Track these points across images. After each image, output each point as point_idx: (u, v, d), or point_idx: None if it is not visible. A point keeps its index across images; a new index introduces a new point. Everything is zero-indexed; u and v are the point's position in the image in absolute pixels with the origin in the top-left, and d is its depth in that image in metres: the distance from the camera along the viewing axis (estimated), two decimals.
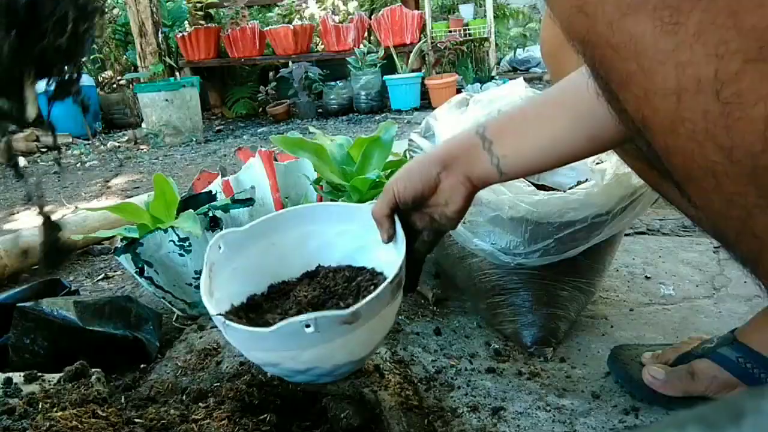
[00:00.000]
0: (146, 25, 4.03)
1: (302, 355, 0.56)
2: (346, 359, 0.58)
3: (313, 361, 0.57)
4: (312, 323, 0.52)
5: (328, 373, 0.60)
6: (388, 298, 0.57)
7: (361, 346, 0.59)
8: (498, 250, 0.82)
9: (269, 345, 0.57)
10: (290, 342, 0.55)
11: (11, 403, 0.64)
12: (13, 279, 1.33)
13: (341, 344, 0.56)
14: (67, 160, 3.55)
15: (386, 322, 0.61)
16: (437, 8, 4.79)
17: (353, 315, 0.54)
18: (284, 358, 0.57)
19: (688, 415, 0.13)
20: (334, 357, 0.57)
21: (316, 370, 0.58)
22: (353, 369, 0.63)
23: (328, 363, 0.58)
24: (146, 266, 0.93)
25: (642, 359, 0.73)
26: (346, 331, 0.55)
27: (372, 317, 0.56)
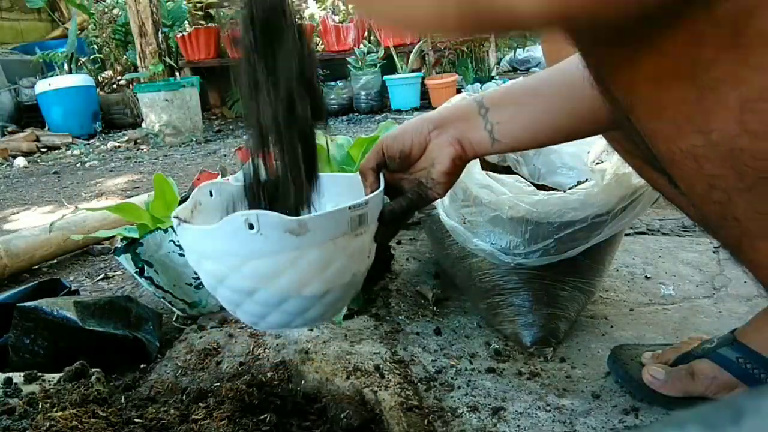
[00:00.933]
0: (146, 25, 4.03)
1: (246, 266, 0.54)
2: (293, 288, 0.56)
3: (258, 277, 0.55)
4: (254, 222, 0.51)
5: (276, 304, 0.57)
6: (345, 226, 0.55)
7: (311, 275, 0.56)
8: (498, 250, 0.82)
9: (216, 248, 0.55)
10: (234, 244, 0.53)
11: (11, 403, 0.64)
12: (13, 279, 1.33)
13: (287, 262, 0.54)
14: (67, 160, 3.55)
15: (343, 259, 0.57)
16: None
17: (299, 224, 0.52)
18: (228, 267, 0.55)
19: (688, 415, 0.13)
20: (280, 279, 0.55)
21: (262, 295, 0.56)
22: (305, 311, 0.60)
23: (273, 286, 0.55)
24: (146, 266, 0.93)
25: (642, 359, 0.73)
26: (293, 245, 0.53)
27: (324, 240, 0.54)
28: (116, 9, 4.74)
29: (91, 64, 4.91)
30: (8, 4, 6.24)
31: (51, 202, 2.34)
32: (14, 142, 3.90)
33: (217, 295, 0.61)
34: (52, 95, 4.31)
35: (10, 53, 5.47)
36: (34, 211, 2.21)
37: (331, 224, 0.54)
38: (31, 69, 4.99)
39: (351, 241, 0.57)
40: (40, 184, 2.81)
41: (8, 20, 6.25)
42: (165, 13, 4.52)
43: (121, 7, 4.57)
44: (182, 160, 3.19)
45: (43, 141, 4.01)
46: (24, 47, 5.63)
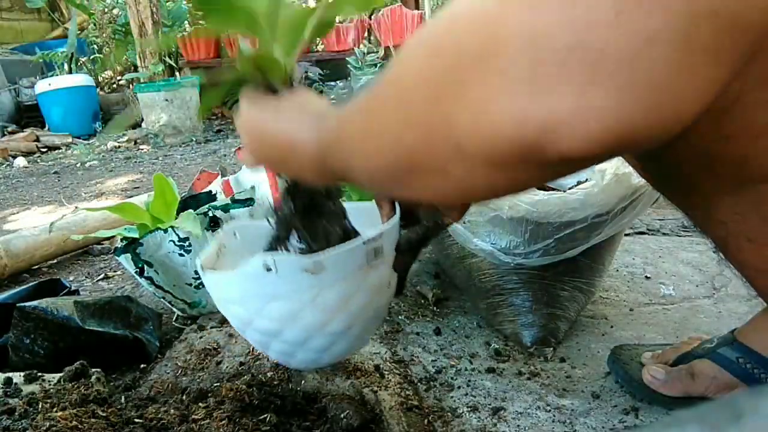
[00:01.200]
0: (146, 25, 4.03)
1: (268, 307, 0.55)
2: (316, 324, 0.57)
3: (281, 318, 0.56)
4: (271, 264, 0.52)
5: (301, 342, 0.58)
6: (360, 260, 0.55)
7: (332, 312, 0.56)
8: (498, 250, 0.82)
9: (238, 293, 0.56)
10: (254, 287, 0.54)
11: (11, 403, 0.64)
12: (13, 279, 1.33)
13: (307, 300, 0.55)
14: (67, 160, 3.55)
15: (363, 293, 0.58)
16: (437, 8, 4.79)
17: (315, 264, 0.53)
18: (252, 310, 0.57)
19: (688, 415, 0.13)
20: (302, 317, 0.56)
21: (287, 334, 0.57)
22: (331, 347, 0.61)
23: (296, 325, 0.56)
24: (146, 266, 0.93)
25: (642, 359, 0.73)
26: (311, 283, 0.53)
27: (341, 277, 0.54)
28: (116, 9, 4.74)
29: (91, 64, 4.91)
30: (8, 4, 6.24)
31: (51, 202, 2.34)
32: (14, 142, 3.90)
33: (246, 336, 0.63)
34: (52, 95, 4.31)
35: (10, 53, 5.47)
36: (34, 211, 2.21)
37: (347, 260, 0.55)
38: (31, 69, 4.99)
39: (368, 275, 0.57)
40: (40, 184, 2.81)
41: (8, 20, 6.25)
42: (165, 13, 4.52)
43: (121, 7, 4.57)
44: (182, 160, 3.19)
45: (43, 141, 4.01)
46: (24, 47, 5.62)
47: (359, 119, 0.40)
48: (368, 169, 0.40)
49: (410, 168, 0.36)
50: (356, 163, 0.41)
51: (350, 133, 0.41)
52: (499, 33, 0.28)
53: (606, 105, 0.26)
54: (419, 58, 0.33)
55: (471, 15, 0.30)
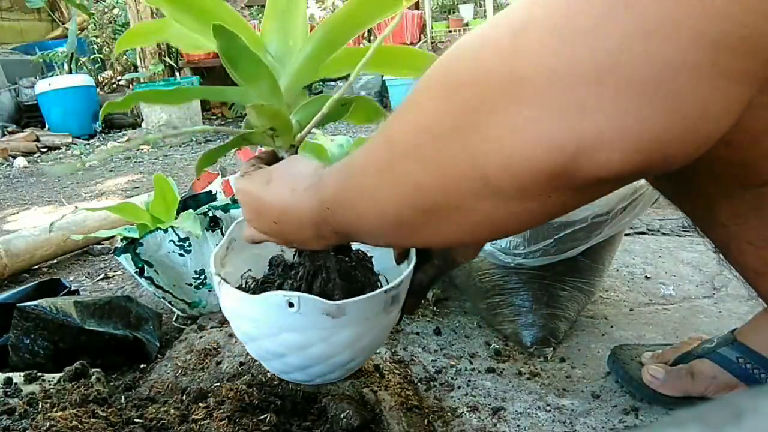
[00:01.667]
0: None
1: (281, 336, 0.56)
2: (322, 356, 0.58)
3: (290, 346, 0.57)
4: (296, 302, 0.52)
5: (301, 368, 0.60)
6: (379, 307, 0.56)
7: (341, 349, 0.58)
8: (498, 250, 0.82)
9: (254, 315, 0.57)
10: (272, 316, 0.55)
11: (11, 403, 0.64)
12: (13, 279, 1.33)
13: (320, 338, 0.56)
14: (67, 160, 3.55)
15: (373, 334, 0.60)
16: (437, 8, 4.79)
17: (338, 308, 0.54)
18: (264, 334, 0.58)
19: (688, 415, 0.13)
20: (311, 350, 0.57)
21: (291, 359, 0.59)
22: (328, 374, 0.63)
23: (302, 354, 0.58)
24: (146, 266, 0.93)
25: (642, 359, 0.73)
26: (328, 324, 0.54)
27: (359, 320, 0.56)
28: (116, 9, 4.74)
29: (91, 64, 4.91)
30: (8, 4, 6.24)
31: (51, 202, 2.34)
32: (14, 142, 3.90)
33: (246, 347, 0.64)
34: (52, 95, 4.31)
35: (10, 53, 5.47)
36: (34, 211, 2.21)
37: (368, 307, 0.56)
38: (31, 69, 4.99)
39: (383, 319, 0.59)
40: (40, 184, 2.81)
41: (8, 20, 6.25)
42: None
43: (121, 7, 4.57)
44: (182, 160, 3.19)
45: (43, 141, 4.01)
46: (24, 47, 5.63)
47: (370, 173, 0.39)
48: (381, 224, 0.40)
49: (432, 213, 0.35)
50: (367, 218, 0.41)
51: (358, 189, 0.40)
52: (521, 65, 0.28)
53: (639, 127, 0.26)
54: (434, 99, 0.33)
55: (486, 50, 0.30)
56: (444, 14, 4.87)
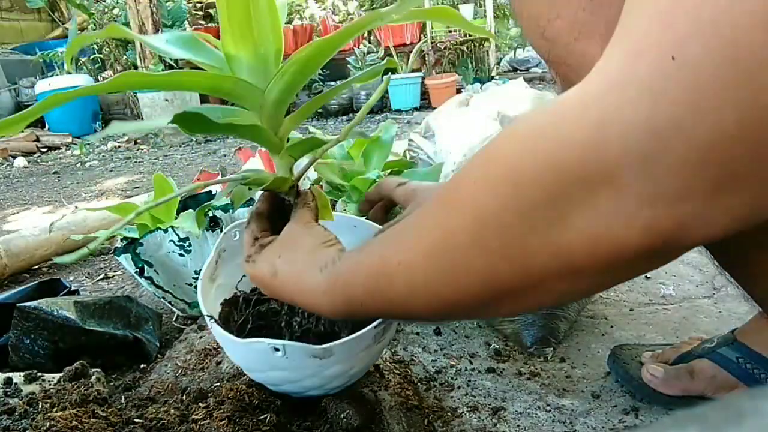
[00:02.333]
0: (146, 25, 4.03)
1: (272, 373, 0.57)
2: (314, 386, 0.59)
3: (283, 381, 0.58)
4: (281, 349, 0.52)
5: (297, 393, 0.61)
6: (368, 342, 0.55)
7: (331, 380, 0.58)
8: None
9: (242, 355, 0.58)
10: (260, 358, 0.55)
11: (11, 403, 0.64)
12: (13, 279, 1.33)
13: (311, 374, 0.56)
14: (67, 160, 3.55)
15: (366, 361, 0.60)
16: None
17: (325, 351, 0.53)
18: (254, 369, 0.59)
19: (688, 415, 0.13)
20: (303, 383, 0.58)
21: (285, 388, 0.60)
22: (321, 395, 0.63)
23: (295, 385, 0.58)
24: (146, 266, 0.93)
25: (642, 359, 0.73)
26: (317, 363, 0.54)
27: (348, 357, 0.55)
28: (116, 9, 4.74)
29: (91, 64, 4.91)
30: (8, 4, 6.24)
31: (51, 202, 2.34)
32: (14, 142, 3.90)
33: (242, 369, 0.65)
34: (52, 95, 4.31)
35: (10, 53, 5.47)
36: (34, 211, 2.21)
37: (356, 345, 0.55)
38: (31, 69, 4.99)
39: (373, 349, 0.58)
40: (40, 184, 2.81)
41: (8, 20, 6.25)
42: (165, 13, 4.52)
43: (121, 8, 4.57)
44: (182, 160, 3.19)
45: (43, 141, 4.01)
46: (24, 47, 5.63)
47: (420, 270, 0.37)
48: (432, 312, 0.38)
49: (500, 297, 0.35)
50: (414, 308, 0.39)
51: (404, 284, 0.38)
52: (610, 157, 0.28)
53: (738, 204, 0.27)
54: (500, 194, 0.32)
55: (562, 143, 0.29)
56: None
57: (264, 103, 0.48)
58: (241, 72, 0.47)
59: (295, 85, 0.48)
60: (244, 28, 0.45)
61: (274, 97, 0.48)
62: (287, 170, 0.55)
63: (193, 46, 0.48)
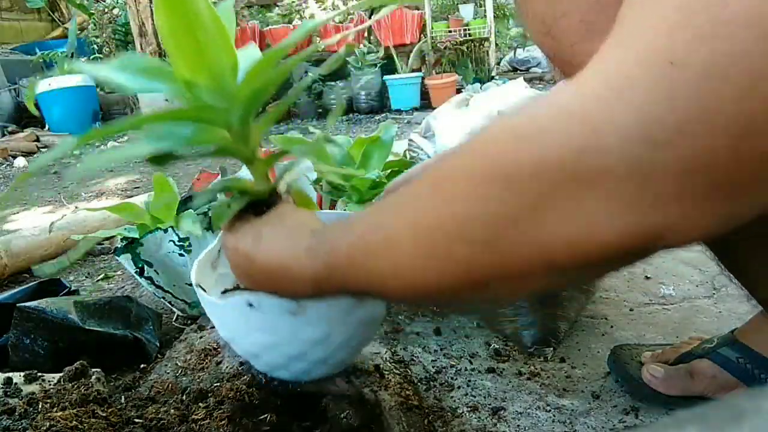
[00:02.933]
0: (146, 25, 4.03)
1: (250, 336, 0.57)
2: (294, 354, 0.58)
3: (261, 346, 0.58)
4: (255, 303, 0.53)
5: (281, 366, 0.61)
6: (344, 303, 0.55)
7: (311, 346, 0.58)
8: None
9: (224, 318, 0.59)
10: (238, 318, 0.56)
11: (11, 403, 0.64)
12: (13, 279, 1.33)
13: (287, 336, 0.56)
14: (67, 160, 3.55)
15: (347, 332, 0.59)
16: (437, 8, 4.78)
17: (297, 306, 0.53)
18: (237, 335, 0.59)
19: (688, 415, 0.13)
20: (282, 348, 0.57)
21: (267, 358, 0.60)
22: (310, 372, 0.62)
23: (276, 353, 0.58)
24: (146, 266, 0.93)
25: (642, 359, 0.73)
26: (292, 323, 0.54)
27: (323, 317, 0.55)
28: (116, 9, 4.74)
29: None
30: (8, 4, 6.24)
31: (51, 202, 2.34)
32: (14, 142, 3.90)
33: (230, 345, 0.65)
34: (52, 95, 4.31)
35: (10, 53, 5.47)
36: (34, 211, 2.21)
37: (329, 305, 0.55)
38: (31, 69, 4.99)
39: (353, 314, 0.58)
40: (40, 184, 2.81)
41: (8, 20, 6.25)
42: None
43: (121, 7, 4.57)
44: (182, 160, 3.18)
45: (43, 141, 4.01)
46: (24, 47, 5.63)
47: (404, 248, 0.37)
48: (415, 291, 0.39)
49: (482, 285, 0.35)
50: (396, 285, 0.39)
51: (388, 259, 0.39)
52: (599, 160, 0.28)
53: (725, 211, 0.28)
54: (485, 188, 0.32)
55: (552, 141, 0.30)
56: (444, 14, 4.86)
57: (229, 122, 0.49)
58: (201, 94, 0.47)
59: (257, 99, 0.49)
60: (194, 54, 0.45)
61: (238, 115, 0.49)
62: (264, 177, 0.55)
63: (150, 74, 0.48)
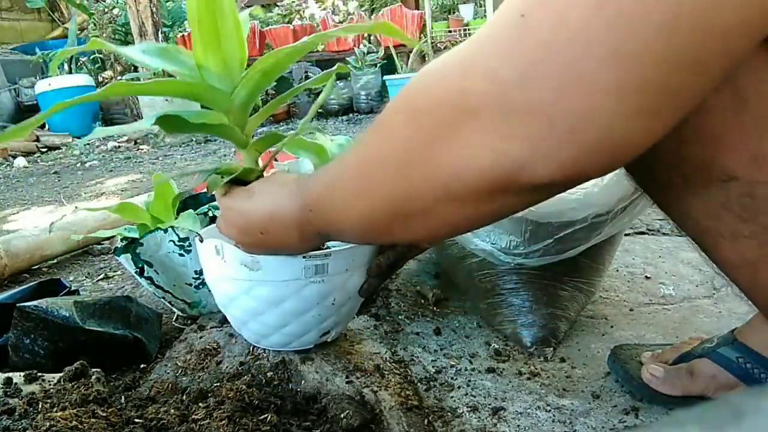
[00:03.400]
0: (146, 25, 4.03)
1: (217, 284, 0.66)
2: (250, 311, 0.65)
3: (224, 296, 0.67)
4: (220, 250, 0.62)
5: (243, 321, 0.69)
6: (296, 273, 0.62)
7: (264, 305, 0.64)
8: (498, 250, 0.82)
9: (202, 260, 0.68)
10: (208, 262, 0.66)
11: (11, 403, 0.64)
12: (13, 279, 1.33)
13: (243, 289, 0.63)
14: (67, 160, 3.55)
15: (296, 299, 0.64)
16: (437, 8, 4.79)
17: (253, 261, 0.60)
18: (211, 282, 0.69)
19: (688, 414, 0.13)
20: (240, 301, 0.65)
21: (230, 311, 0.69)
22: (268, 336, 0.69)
23: (236, 306, 0.66)
24: (146, 266, 0.93)
25: (642, 359, 0.73)
26: (248, 276, 0.61)
27: (276, 280, 0.62)
28: (116, 9, 4.74)
29: (91, 64, 4.91)
30: (8, 4, 6.24)
31: (51, 202, 2.34)
32: (14, 142, 3.90)
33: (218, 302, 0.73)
34: (52, 95, 4.31)
35: (10, 53, 5.47)
36: (34, 211, 2.21)
37: (283, 268, 0.61)
38: (31, 69, 4.99)
39: (306, 287, 0.64)
40: (40, 184, 2.81)
41: (8, 20, 6.25)
42: (165, 13, 4.52)
43: (121, 7, 4.57)
44: (182, 160, 3.19)
45: (43, 141, 4.02)
46: (24, 47, 5.63)
47: (347, 181, 0.45)
48: (358, 225, 0.46)
49: (401, 216, 0.42)
50: (345, 221, 0.47)
51: (341, 194, 0.47)
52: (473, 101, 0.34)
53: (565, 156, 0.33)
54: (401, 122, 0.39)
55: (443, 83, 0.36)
56: (444, 14, 4.86)
57: (231, 106, 0.57)
58: (211, 78, 0.55)
59: (257, 91, 0.57)
60: (213, 41, 0.52)
61: (240, 101, 0.57)
62: (254, 162, 0.62)
63: (167, 56, 0.55)
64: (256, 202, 0.55)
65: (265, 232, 0.55)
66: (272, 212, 0.53)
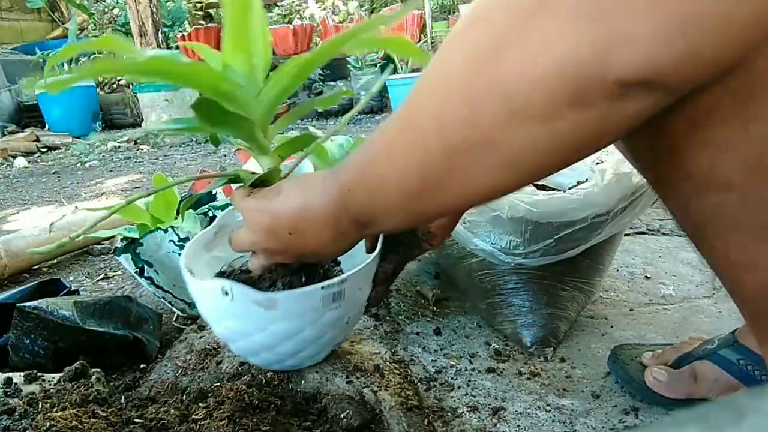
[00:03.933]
0: (146, 25, 4.03)
1: (223, 322, 0.60)
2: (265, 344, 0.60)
3: (232, 332, 0.60)
4: (228, 291, 0.55)
5: (253, 353, 0.63)
6: (315, 303, 0.57)
7: (281, 339, 0.60)
8: (498, 250, 0.82)
9: (200, 300, 0.61)
10: (212, 303, 0.58)
11: (11, 403, 0.64)
12: (13, 279, 1.33)
13: (257, 326, 0.58)
14: (67, 160, 3.55)
15: (316, 329, 0.60)
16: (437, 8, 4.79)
17: (269, 300, 0.55)
18: (212, 318, 0.62)
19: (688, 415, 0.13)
20: (252, 337, 0.60)
21: (239, 345, 0.62)
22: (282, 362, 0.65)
23: (247, 341, 0.61)
24: (146, 266, 0.93)
25: (642, 359, 0.73)
26: (263, 315, 0.56)
27: (294, 315, 0.57)
28: (116, 9, 4.74)
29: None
30: (8, 4, 6.24)
31: (51, 202, 2.34)
32: (14, 142, 3.90)
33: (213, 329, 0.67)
34: (52, 95, 4.31)
35: (10, 53, 5.47)
36: (34, 211, 2.21)
37: (301, 301, 0.57)
38: (31, 69, 4.99)
39: (324, 315, 0.59)
40: (40, 184, 2.81)
41: (8, 20, 6.25)
42: (165, 13, 4.52)
43: (121, 7, 4.57)
44: (182, 160, 3.19)
45: (43, 141, 4.01)
46: (24, 47, 5.63)
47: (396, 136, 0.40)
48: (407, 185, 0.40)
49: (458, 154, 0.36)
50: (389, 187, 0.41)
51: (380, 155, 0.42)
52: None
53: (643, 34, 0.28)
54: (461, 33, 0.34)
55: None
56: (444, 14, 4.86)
57: (256, 108, 0.54)
58: (235, 76, 0.52)
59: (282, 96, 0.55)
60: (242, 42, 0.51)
61: (265, 104, 0.54)
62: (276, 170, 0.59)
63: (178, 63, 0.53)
64: (286, 196, 0.50)
65: (294, 232, 0.50)
66: (305, 205, 0.49)
